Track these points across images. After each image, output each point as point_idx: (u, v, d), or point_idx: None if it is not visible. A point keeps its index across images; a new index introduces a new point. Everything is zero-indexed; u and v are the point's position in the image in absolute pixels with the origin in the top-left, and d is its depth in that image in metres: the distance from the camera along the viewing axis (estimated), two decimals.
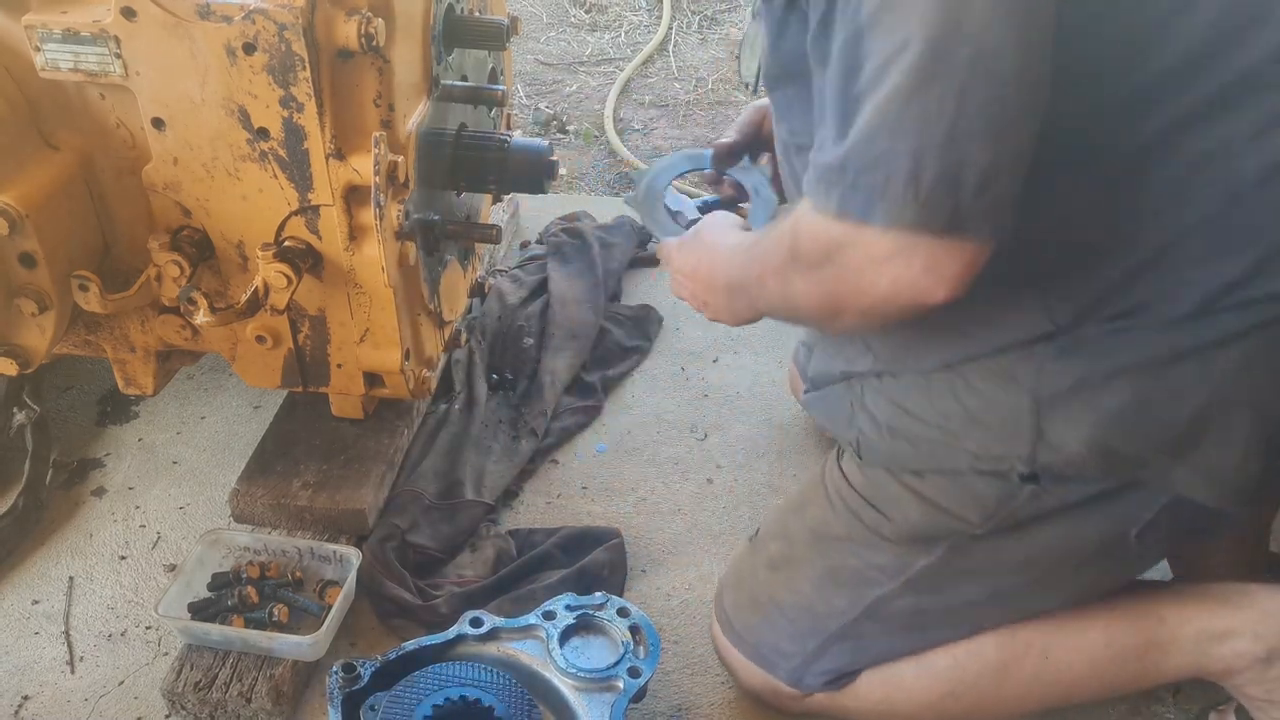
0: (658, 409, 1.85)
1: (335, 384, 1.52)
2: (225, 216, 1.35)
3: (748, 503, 1.67)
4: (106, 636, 1.46)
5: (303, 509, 1.53)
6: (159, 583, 1.53)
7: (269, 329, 1.44)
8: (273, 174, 1.30)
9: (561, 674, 1.23)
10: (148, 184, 1.34)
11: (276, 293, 1.32)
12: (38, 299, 1.32)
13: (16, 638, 1.46)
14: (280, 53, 1.20)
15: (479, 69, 1.65)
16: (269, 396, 1.81)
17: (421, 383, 1.54)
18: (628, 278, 2.13)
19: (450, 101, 1.52)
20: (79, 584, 1.54)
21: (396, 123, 1.33)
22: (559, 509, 1.66)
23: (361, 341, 1.46)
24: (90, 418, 1.82)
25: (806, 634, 1.27)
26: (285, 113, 1.25)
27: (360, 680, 1.19)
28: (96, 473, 1.72)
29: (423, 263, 1.47)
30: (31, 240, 1.27)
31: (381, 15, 1.24)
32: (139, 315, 1.47)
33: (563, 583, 1.46)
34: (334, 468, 1.58)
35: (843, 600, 1.24)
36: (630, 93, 2.92)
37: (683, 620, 1.49)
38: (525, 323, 1.95)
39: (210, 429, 1.80)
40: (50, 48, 1.24)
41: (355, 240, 1.35)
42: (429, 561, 1.54)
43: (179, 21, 1.20)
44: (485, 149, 1.55)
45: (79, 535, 1.61)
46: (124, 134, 1.33)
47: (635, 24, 3.26)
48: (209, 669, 1.35)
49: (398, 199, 1.35)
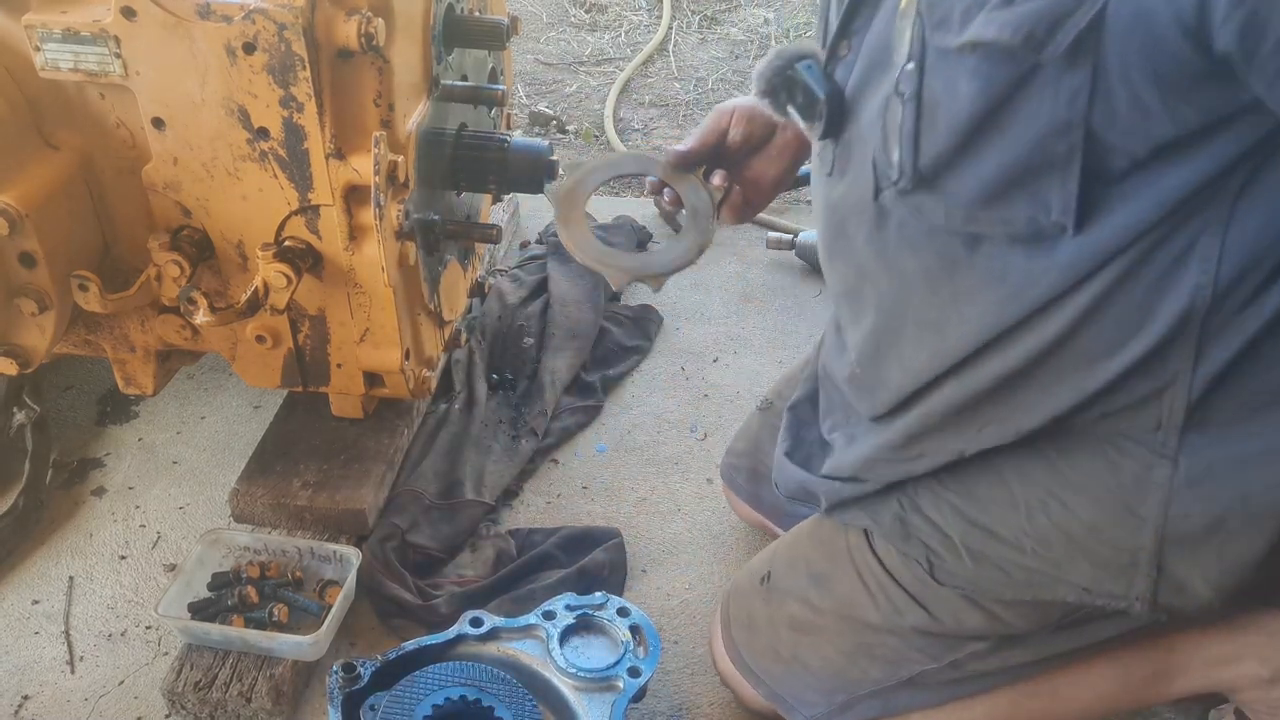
0: (658, 409, 1.85)
1: (335, 384, 1.52)
2: (225, 216, 1.35)
3: None
4: (106, 636, 1.46)
5: (303, 509, 1.53)
6: (159, 582, 1.53)
7: (269, 329, 1.44)
8: (273, 174, 1.30)
9: (561, 674, 1.23)
10: (148, 184, 1.34)
11: (276, 292, 1.32)
12: (38, 299, 1.32)
13: (16, 637, 1.46)
14: (280, 52, 1.20)
15: (479, 69, 1.65)
16: (269, 396, 1.81)
17: (421, 382, 1.54)
18: None
19: (450, 101, 1.52)
20: (79, 584, 1.54)
21: (396, 122, 1.33)
22: (559, 509, 1.66)
23: (361, 341, 1.46)
24: (90, 417, 1.82)
25: (834, 690, 1.21)
26: (285, 112, 1.25)
27: (360, 680, 1.19)
28: (96, 472, 1.72)
29: (423, 262, 1.47)
30: (31, 240, 1.27)
31: (381, 15, 1.24)
32: (139, 315, 1.47)
33: (563, 583, 1.46)
34: (334, 467, 1.58)
35: (878, 671, 1.18)
36: (630, 92, 2.92)
37: (683, 620, 1.49)
38: (525, 322, 1.95)
39: (210, 429, 1.80)
40: (50, 47, 1.24)
41: (355, 240, 1.35)
42: (429, 561, 1.54)
43: (179, 21, 1.20)
44: (485, 149, 1.55)
45: (79, 535, 1.61)
46: (124, 134, 1.33)
47: (635, 24, 3.26)
48: (209, 669, 1.35)
49: (398, 199, 1.35)
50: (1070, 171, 0.84)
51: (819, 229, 1.15)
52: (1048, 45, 0.80)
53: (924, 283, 0.99)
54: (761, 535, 1.59)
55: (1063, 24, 0.79)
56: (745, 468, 1.55)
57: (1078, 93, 0.81)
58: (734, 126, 1.22)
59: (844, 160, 1.04)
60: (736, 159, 1.24)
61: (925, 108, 0.89)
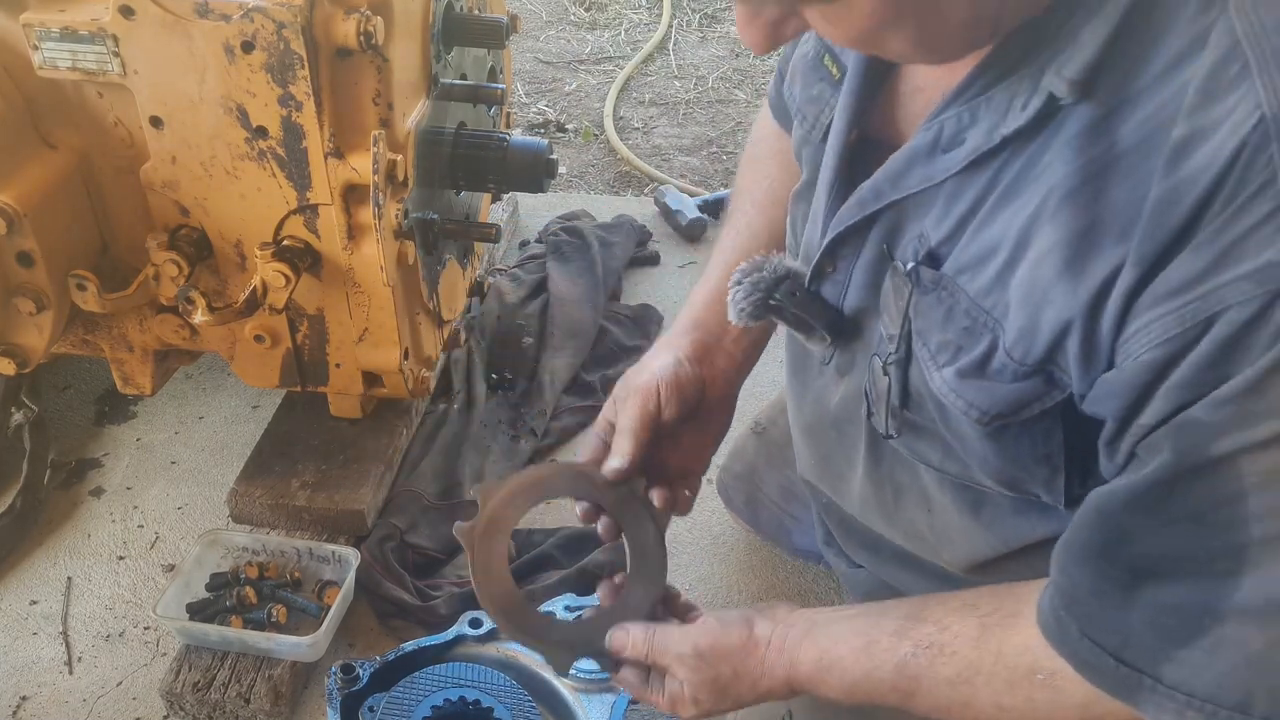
0: None
1: (334, 383, 1.52)
2: (223, 215, 1.35)
3: None
4: (105, 637, 1.46)
5: (301, 509, 1.52)
6: (157, 583, 1.53)
7: (267, 328, 1.44)
8: (271, 173, 1.29)
9: (561, 675, 1.23)
10: (146, 183, 1.33)
11: (275, 292, 1.32)
12: (36, 298, 1.31)
13: (15, 638, 1.46)
14: (279, 51, 1.20)
15: (478, 67, 1.65)
16: (267, 396, 1.80)
17: (420, 382, 1.53)
18: (627, 277, 2.12)
19: (449, 100, 1.51)
20: (77, 584, 1.53)
21: (395, 121, 1.32)
22: (559, 509, 1.65)
23: (360, 341, 1.45)
24: (88, 417, 1.82)
25: None
26: (284, 111, 1.24)
27: (359, 681, 1.19)
28: (94, 473, 1.71)
29: (421, 262, 1.47)
30: (29, 239, 1.27)
31: (380, 13, 1.23)
32: (137, 315, 1.46)
33: (562, 583, 1.46)
34: (332, 468, 1.57)
35: None
36: (630, 91, 2.91)
37: None
38: (525, 322, 1.95)
39: (208, 429, 1.79)
40: (48, 46, 1.23)
41: (354, 239, 1.34)
42: (428, 562, 1.54)
43: (177, 20, 1.20)
44: (484, 148, 1.55)
45: (77, 535, 1.61)
46: (122, 132, 1.33)
47: (635, 22, 3.26)
48: (207, 669, 1.35)
49: (396, 198, 1.34)
50: (1055, 483, 0.83)
51: (792, 389, 1.09)
52: (1013, 418, 0.79)
53: (916, 500, 0.96)
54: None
55: (1029, 406, 0.78)
56: (743, 491, 1.55)
57: (1051, 431, 0.80)
58: (665, 405, 1.05)
59: (846, 361, 0.97)
60: (671, 432, 1.08)
61: (911, 388, 0.87)
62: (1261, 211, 0.61)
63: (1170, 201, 0.65)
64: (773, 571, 1.55)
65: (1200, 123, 0.64)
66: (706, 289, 1.14)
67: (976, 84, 0.75)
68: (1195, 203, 0.64)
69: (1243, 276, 0.62)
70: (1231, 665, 0.70)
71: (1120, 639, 0.75)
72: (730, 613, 0.99)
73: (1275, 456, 0.64)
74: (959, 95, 0.76)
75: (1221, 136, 0.62)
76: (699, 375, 1.09)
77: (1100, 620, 0.75)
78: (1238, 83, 0.62)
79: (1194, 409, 0.66)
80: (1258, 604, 0.68)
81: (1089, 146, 0.69)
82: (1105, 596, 0.75)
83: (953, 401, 0.82)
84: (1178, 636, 0.71)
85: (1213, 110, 0.63)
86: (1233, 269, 0.62)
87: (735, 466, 1.55)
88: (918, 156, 0.80)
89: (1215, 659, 0.70)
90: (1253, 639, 0.69)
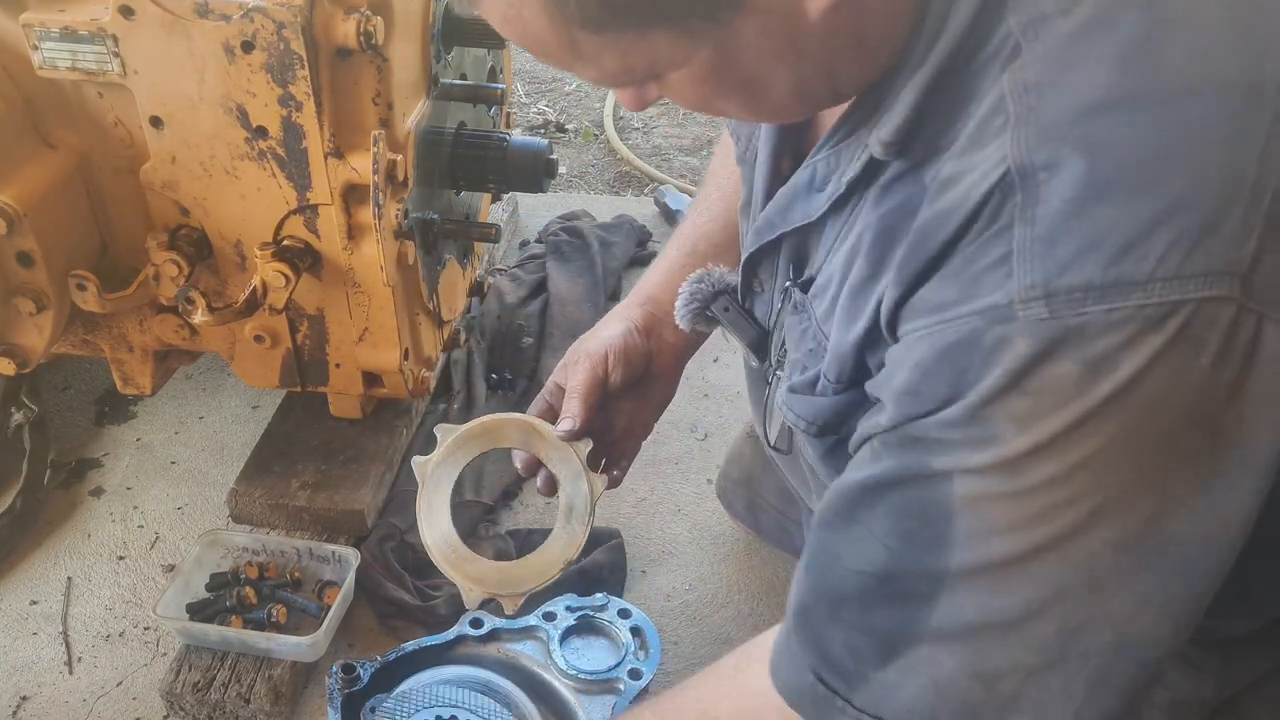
0: None
1: (334, 384, 1.52)
2: (223, 215, 1.35)
3: None
4: (105, 637, 1.46)
5: (301, 509, 1.52)
6: (157, 583, 1.53)
7: (267, 328, 1.44)
8: (271, 173, 1.29)
9: (562, 675, 1.23)
10: (145, 183, 1.33)
11: (275, 292, 1.32)
12: (35, 298, 1.31)
13: (14, 638, 1.46)
14: (279, 51, 1.20)
15: (478, 67, 1.65)
16: (267, 396, 1.80)
17: (420, 382, 1.53)
18: (627, 277, 2.12)
19: (449, 100, 1.51)
20: (77, 584, 1.53)
21: (395, 121, 1.32)
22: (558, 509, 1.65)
23: (360, 341, 1.45)
24: (88, 417, 1.82)
25: None
26: (284, 111, 1.24)
27: (359, 681, 1.19)
28: (94, 473, 1.71)
29: (421, 262, 1.47)
30: (29, 239, 1.27)
31: (380, 13, 1.23)
32: (137, 315, 1.46)
33: (562, 583, 1.46)
34: (332, 468, 1.57)
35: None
36: None
37: (683, 621, 1.48)
38: (525, 322, 1.95)
39: (208, 429, 1.79)
40: (48, 46, 1.23)
41: (354, 239, 1.34)
42: (428, 562, 1.53)
43: (177, 20, 1.20)
44: (484, 148, 1.55)
45: (77, 535, 1.60)
46: (122, 133, 1.33)
47: None
48: (207, 670, 1.35)
49: (396, 198, 1.34)
50: None
51: (750, 397, 1.11)
52: (843, 429, 0.83)
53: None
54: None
55: (852, 416, 0.81)
56: (742, 496, 1.54)
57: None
58: (613, 371, 1.12)
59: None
60: (618, 396, 1.15)
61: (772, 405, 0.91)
62: (996, 254, 0.65)
63: (931, 229, 0.69)
64: (773, 571, 1.55)
65: (962, 166, 0.68)
66: (664, 265, 1.21)
67: (840, 132, 0.80)
68: (951, 234, 0.68)
69: (976, 312, 0.66)
70: (920, 688, 0.70)
71: (820, 658, 0.76)
72: None
73: (983, 484, 0.67)
74: (827, 141, 0.82)
75: (975, 179, 0.66)
76: (647, 346, 1.15)
77: (809, 639, 0.77)
78: (999, 133, 0.66)
79: (924, 421, 0.69)
80: (950, 627, 0.69)
81: (899, 191, 0.74)
82: (810, 614, 0.77)
83: (786, 414, 0.88)
84: (874, 658, 0.72)
85: (974, 155, 0.67)
86: (970, 303, 0.66)
87: (733, 472, 1.55)
88: (799, 193, 0.85)
89: (907, 681, 0.71)
90: (944, 661, 0.70)
